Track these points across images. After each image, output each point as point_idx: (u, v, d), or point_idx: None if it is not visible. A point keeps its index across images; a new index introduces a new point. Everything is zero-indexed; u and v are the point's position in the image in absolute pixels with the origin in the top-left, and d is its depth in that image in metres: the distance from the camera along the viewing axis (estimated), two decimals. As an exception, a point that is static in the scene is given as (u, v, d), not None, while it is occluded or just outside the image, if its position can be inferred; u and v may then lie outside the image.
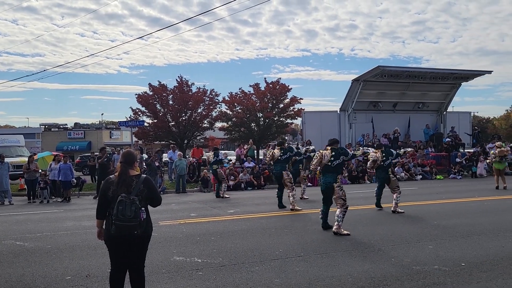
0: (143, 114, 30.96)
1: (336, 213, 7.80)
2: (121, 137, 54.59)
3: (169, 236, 7.85)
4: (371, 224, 8.73)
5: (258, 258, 6.15)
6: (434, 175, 20.49)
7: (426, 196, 13.01)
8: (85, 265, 6.05)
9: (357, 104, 24.31)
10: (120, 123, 27.79)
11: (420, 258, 5.98)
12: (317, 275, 5.31)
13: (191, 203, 13.29)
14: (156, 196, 4.26)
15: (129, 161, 4.23)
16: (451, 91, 26.25)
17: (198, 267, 5.77)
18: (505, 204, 11.15)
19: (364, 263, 5.81)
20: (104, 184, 4.20)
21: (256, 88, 30.96)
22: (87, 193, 17.22)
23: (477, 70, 26.19)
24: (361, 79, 23.55)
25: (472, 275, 5.21)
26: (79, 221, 10.06)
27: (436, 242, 6.91)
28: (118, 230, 3.92)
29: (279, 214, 10.27)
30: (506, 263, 5.66)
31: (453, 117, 27.36)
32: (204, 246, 7.02)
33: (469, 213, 9.75)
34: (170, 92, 31.17)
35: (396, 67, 24.33)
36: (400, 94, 25.49)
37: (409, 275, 5.25)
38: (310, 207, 11.47)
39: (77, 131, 53.19)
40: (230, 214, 10.63)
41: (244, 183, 17.98)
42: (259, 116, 30.71)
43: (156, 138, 31.78)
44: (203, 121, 31.69)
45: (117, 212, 3.89)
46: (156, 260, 6.08)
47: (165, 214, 10.50)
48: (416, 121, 25.97)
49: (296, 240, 7.26)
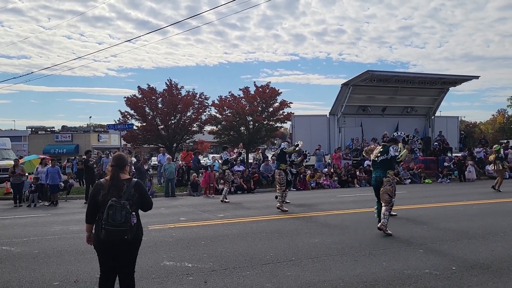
0: (132, 117, 30.81)
1: (382, 210, 7.99)
2: (109, 140, 54.18)
3: (159, 241, 7.77)
4: (362, 228, 8.73)
5: (249, 263, 6.11)
6: (422, 179, 20.65)
7: (415, 200, 13.09)
8: (73, 270, 5.95)
9: (346, 108, 24.43)
10: (109, 126, 27.57)
11: (411, 262, 5.99)
12: (309, 280, 5.28)
13: (180, 207, 13.19)
14: (147, 201, 4.20)
15: (121, 164, 4.16)
16: (439, 95, 26.52)
17: (188, 272, 5.70)
18: (493, 207, 11.26)
19: (356, 267, 5.80)
20: (94, 188, 4.13)
21: (245, 91, 31.01)
22: (75, 197, 17.01)
23: (464, 75, 26.53)
24: (350, 83, 23.68)
25: (463, 279, 5.23)
26: (67, 225, 9.91)
27: (426, 246, 6.93)
28: (108, 235, 3.84)
29: (270, 218, 10.24)
30: (496, 267, 5.69)
31: (441, 121, 27.65)
32: (195, 250, 6.95)
33: (458, 217, 9.82)
34: (159, 95, 31.08)
35: (385, 72, 24.50)
36: (388, 98, 25.67)
37: (400, 279, 5.25)
38: (300, 211, 11.45)
39: (65, 134, 52.67)
40: (220, 218, 10.56)
41: (233, 187, 17.90)
42: (249, 119, 30.74)
43: (145, 142, 31.64)
44: (192, 124, 31.65)
45: (107, 216, 3.82)
46: (146, 265, 6.00)
47: (154, 218, 10.39)
48: (405, 125, 26.15)
49: (287, 244, 7.23)
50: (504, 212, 10.39)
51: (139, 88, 30.95)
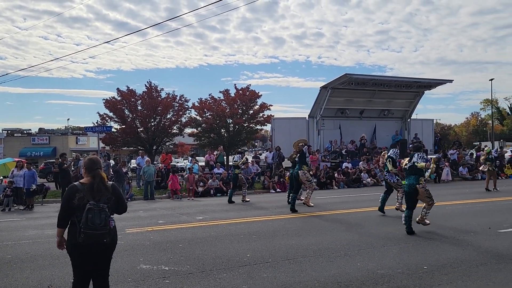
0: (111, 120, 30.40)
1: (423, 207, 8.52)
2: (88, 143, 53.37)
3: (136, 244, 7.73)
4: (338, 229, 8.87)
5: (226, 265, 6.15)
6: (399, 180, 21.00)
7: (391, 201, 13.28)
8: (47, 275, 5.89)
9: (325, 111, 24.70)
10: (87, 128, 27.14)
11: (385, 262, 6.13)
12: (285, 281, 5.36)
13: (159, 210, 13.12)
14: (122, 204, 4.20)
15: (94, 168, 4.14)
16: (415, 99, 27.07)
17: (165, 275, 5.71)
18: (465, 208, 11.57)
19: (331, 268, 5.91)
20: (68, 191, 4.05)
21: (226, 94, 30.97)
22: (51, 200, 16.72)
23: (439, 79, 27.11)
24: (329, 86, 23.96)
25: (433, 278, 5.39)
26: (41, 230, 9.75)
27: (400, 246, 7.10)
28: (87, 238, 3.81)
29: (248, 221, 10.29)
30: (466, 266, 5.88)
31: (417, 124, 28.23)
32: (172, 253, 6.95)
33: (431, 218, 10.01)
34: (138, 98, 30.76)
35: (363, 75, 24.88)
36: (366, 101, 26.08)
37: (374, 279, 5.37)
38: (278, 212, 11.55)
39: (42, 137, 51.61)
40: (198, 220, 10.56)
41: (213, 189, 17.91)
42: (229, 122, 30.72)
43: (124, 144, 31.24)
44: (172, 127, 31.42)
45: (86, 220, 3.79)
46: (122, 269, 5.98)
47: (132, 221, 10.33)
48: (382, 128, 26.62)
49: (264, 246, 7.29)
50: (474, 213, 10.70)
51: (118, 90, 30.58)
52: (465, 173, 22.79)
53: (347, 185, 20.02)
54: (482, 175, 22.67)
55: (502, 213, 10.53)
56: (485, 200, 13.26)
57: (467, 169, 23.07)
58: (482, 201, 12.92)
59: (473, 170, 23.04)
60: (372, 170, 20.92)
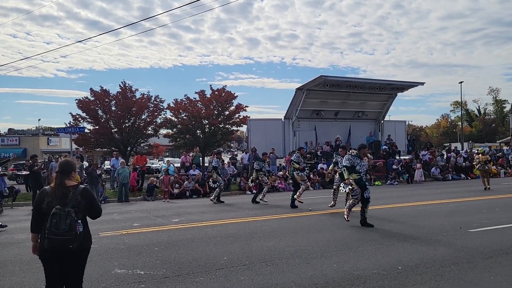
0: (84, 120, 29.84)
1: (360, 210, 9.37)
2: (59, 144, 52.12)
3: (110, 248, 7.59)
4: (315, 230, 8.94)
5: (202, 268, 6.10)
6: (372, 181, 21.36)
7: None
8: (18, 281, 5.70)
9: (300, 112, 24.89)
10: (59, 129, 26.46)
11: (361, 263, 6.21)
12: (262, 283, 5.35)
13: (134, 212, 12.92)
14: (95, 208, 4.10)
15: (66, 170, 4.04)
16: (388, 101, 27.61)
17: (140, 280, 5.61)
18: (436, 208, 11.85)
19: (308, 269, 5.94)
20: (38, 196, 3.99)
21: (201, 95, 30.83)
22: (22, 203, 16.22)
23: (412, 81, 27.80)
24: (304, 88, 24.17)
25: (408, 278, 5.49)
26: (11, 234, 9.46)
27: (375, 247, 7.20)
28: (51, 244, 3.71)
29: (224, 223, 10.25)
30: (438, 265, 6.01)
31: (390, 125, 28.80)
32: (147, 257, 6.85)
33: (404, 218, 10.27)
34: (112, 98, 30.27)
35: (338, 77, 25.24)
36: (341, 103, 26.43)
37: (350, 280, 5.43)
38: (255, 214, 11.55)
39: (11, 137, 50.17)
40: (174, 223, 10.45)
41: (189, 191, 17.76)
42: (205, 123, 30.58)
43: (97, 145, 30.70)
44: (147, 127, 31.07)
45: (50, 225, 3.69)
46: (96, 274, 5.85)
47: (106, 224, 10.13)
48: (356, 129, 27.03)
49: (241, 249, 7.28)
50: (446, 213, 10.96)
51: (91, 90, 30.02)
52: (437, 173, 23.36)
53: (323, 186, 20.20)
54: (453, 176, 23.38)
55: (472, 213, 10.83)
56: (456, 200, 13.61)
57: (439, 169, 23.65)
58: (453, 201, 13.26)
59: (444, 171, 23.64)
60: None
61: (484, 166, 17.24)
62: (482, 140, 59.82)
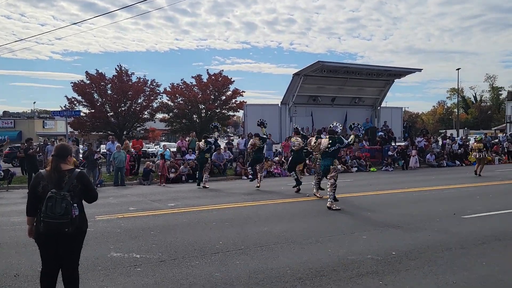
0: (80, 104, 29.70)
1: (328, 192, 9.85)
2: (55, 127, 51.90)
3: (106, 232, 7.61)
4: (310, 216, 9.00)
5: (198, 253, 6.14)
6: (368, 167, 21.46)
7: (361, 188, 13.62)
8: (13, 263, 5.73)
9: (297, 98, 24.80)
10: (54, 112, 26.32)
11: (355, 248, 6.27)
12: (257, 268, 5.40)
13: (130, 197, 12.94)
14: (91, 192, 4.10)
15: (62, 154, 4.03)
16: (385, 87, 27.52)
17: (136, 263, 5.65)
18: (430, 194, 11.93)
19: (303, 254, 5.99)
20: (34, 179, 4.00)
21: (198, 79, 30.69)
22: (17, 186, 16.21)
23: (409, 68, 27.63)
24: (301, 73, 24.03)
25: (401, 263, 5.55)
26: (7, 217, 9.46)
27: (369, 233, 7.27)
28: (46, 227, 3.73)
29: (220, 207, 10.29)
30: (431, 251, 6.08)
31: (386, 112, 28.76)
32: (143, 241, 6.88)
33: (399, 204, 10.35)
34: (108, 81, 30.07)
35: (335, 63, 25.07)
36: (338, 89, 26.34)
37: (344, 265, 5.48)
38: (250, 199, 11.59)
39: (6, 120, 49.87)
40: (170, 207, 10.48)
41: (185, 175, 17.77)
42: (201, 108, 30.50)
43: (93, 129, 30.61)
44: (143, 112, 30.95)
45: (45, 209, 3.71)
46: (92, 257, 5.88)
47: (102, 208, 10.14)
48: (353, 116, 26.91)
49: (237, 233, 7.32)
50: (440, 199, 11.04)
51: (87, 73, 29.79)
52: (432, 160, 23.46)
53: (318, 172, 20.25)
54: (448, 162, 23.50)
55: (466, 200, 10.92)
56: (450, 187, 13.70)
57: (434, 156, 23.75)
58: (447, 188, 13.35)
59: (439, 157, 23.74)
60: (343, 157, 21.22)
61: (480, 153, 17.36)
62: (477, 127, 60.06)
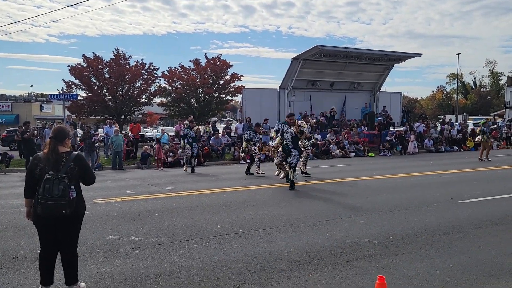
0: (77, 87, 29.53)
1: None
2: (52, 110, 51.66)
3: (105, 215, 7.63)
4: (307, 200, 9.03)
5: (196, 236, 6.16)
6: (366, 152, 21.49)
7: (359, 173, 13.64)
8: (12, 246, 5.75)
9: (296, 82, 24.70)
10: (51, 96, 26.16)
11: (352, 232, 6.30)
12: (255, 251, 5.42)
13: (128, 180, 12.95)
14: (88, 175, 4.09)
15: (60, 137, 4.02)
16: (384, 72, 27.40)
17: (135, 246, 5.67)
18: (428, 179, 11.97)
19: (300, 238, 6.02)
20: (31, 162, 3.99)
21: (196, 63, 30.47)
22: (15, 169, 16.20)
23: (409, 52, 27.41)
24: (300, 57, 23.87)
25: (398, 247, 5.58)
26: (5, 200, 9.47)
27: (367, 217, 7.30)
28: (44, 209, 3.74)
29: (218, 191, 10.31)
30: (428, 235, 6.11)
31: (385, 97, 28.69)
32: (141, 224, 6.91)
33: (397, 189, 10.39)
34: (106, 65, 29.84)
35: (334, 47, 24.86)
36: (337, 73, 26.20)
37: (341, 248, 5.52)
38: (248, 183, 11.62)
39: (4, 103, 49.62)
40: (168, 191, 10.50)
41: (183, 159, 17.75)
42: (199, 92, 30.35)
43: (91, 113, 30.49)
44: (141, 96, 30.80)
45: (43, 190, 3.71)
46: (91, 240, 5.90)
47: (100, 191, 10.16)
48: (351, 100, 26.94)
49: (235, 217, 7.35)
50: (438, 184, 11.08)
51: (84, 56, 29.55)
52: (430, 145, 23.50)
53: (316, 157, 20.26)
54: (446, 148, 23.56)
55: (463, 185, 10.96)
56: (448, 172, 13.75)
57: (432, 141, 23.79)
58: (445, 173, 13.40)
59: (437, 143, 23.78)
60: (341, 142, 21.25)
61: (484, 137, 17.49)
62: (476, 113, 60.08)
